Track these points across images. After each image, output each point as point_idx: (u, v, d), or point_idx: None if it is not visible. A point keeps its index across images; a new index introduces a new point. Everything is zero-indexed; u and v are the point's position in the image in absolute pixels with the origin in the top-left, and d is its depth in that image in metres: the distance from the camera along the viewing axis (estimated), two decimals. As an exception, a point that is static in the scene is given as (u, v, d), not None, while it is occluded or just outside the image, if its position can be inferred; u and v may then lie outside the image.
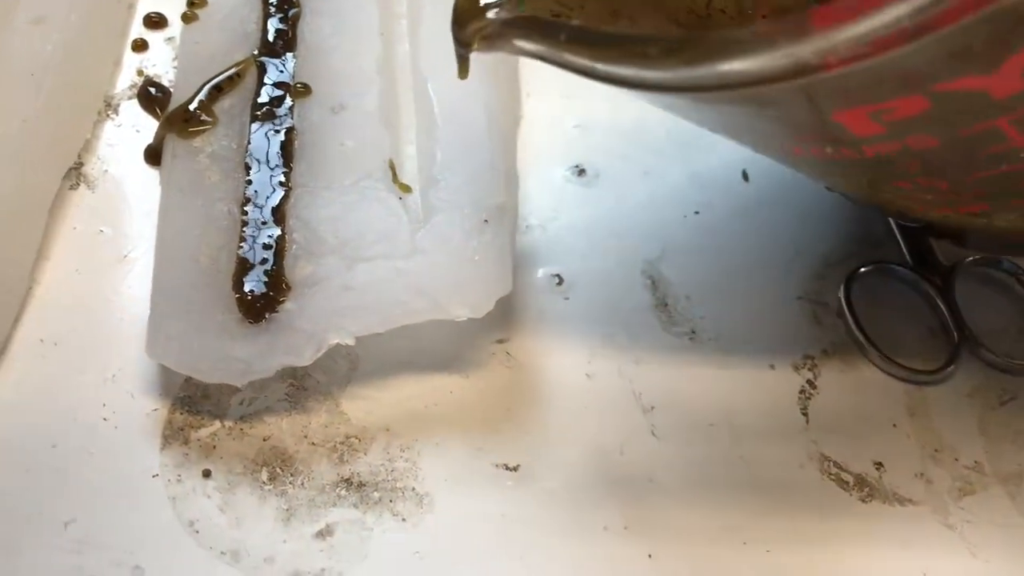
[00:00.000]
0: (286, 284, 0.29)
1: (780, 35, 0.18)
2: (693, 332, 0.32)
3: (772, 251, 0.35)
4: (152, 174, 0.34)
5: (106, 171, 0.34)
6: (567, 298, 0.33)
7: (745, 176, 0.37)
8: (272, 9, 0.35)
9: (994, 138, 0.21)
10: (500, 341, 0.31)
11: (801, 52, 0.18)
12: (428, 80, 0.34)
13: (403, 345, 0.30)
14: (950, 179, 0.24)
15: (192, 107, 0.32)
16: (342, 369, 0.30)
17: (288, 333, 0.28)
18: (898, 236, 0.35)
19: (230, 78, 0.33)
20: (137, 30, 0.38)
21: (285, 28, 0.35)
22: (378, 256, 0.29)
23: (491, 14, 0.24)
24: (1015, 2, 0.15)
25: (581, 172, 0.36)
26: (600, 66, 0.22)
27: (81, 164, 0.34)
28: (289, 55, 0.34)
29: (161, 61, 0.37)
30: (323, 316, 0.28)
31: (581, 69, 0.22)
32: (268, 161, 0.31)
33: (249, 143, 0.32)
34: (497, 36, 0.24)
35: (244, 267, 0.29)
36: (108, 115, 0.35)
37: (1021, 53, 0.17)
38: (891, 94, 0.19)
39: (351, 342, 0.28)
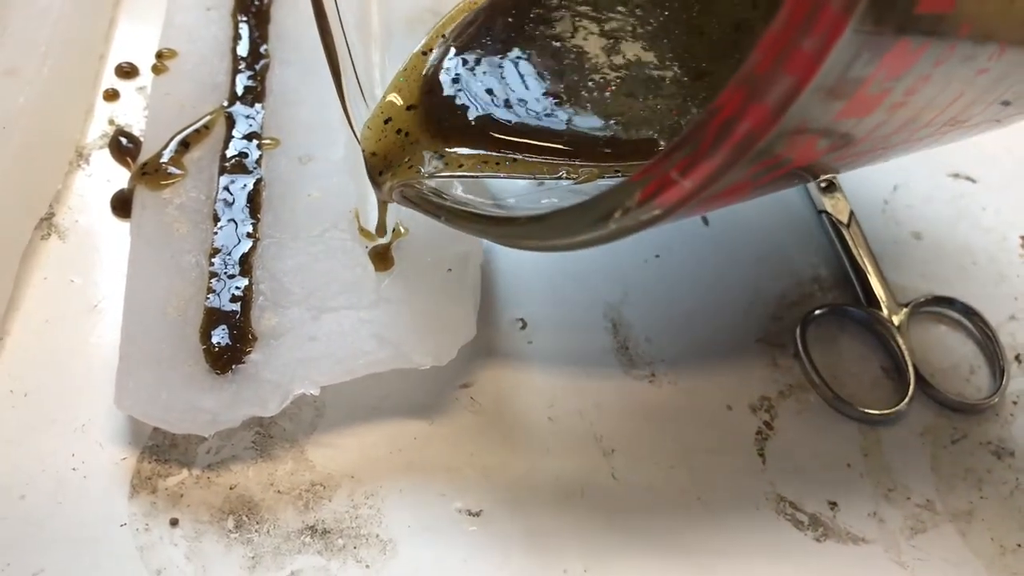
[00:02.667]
0: (252, 335, 0.29)
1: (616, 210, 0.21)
2: (653, 375, 0.33)
3: (731, 293, 0.36)
4: (122, 223, 0.34)
5: (77, 221, 0.34)
6: (530, 342, 0.33)
7: (705, 220, 0.38)
8: (241, 60, 0.36)
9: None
10: (464, 386, 0.32)
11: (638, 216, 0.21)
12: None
13: (369, 391, 0.31)
14: None
15: (161, 160, 0.33)
16: (308, 416, 0.30)
17: (254, 384, 0.28)
18: (852, 277, 0.36)
19: (197, 131, 0.34)
20: (109, 79, 0.39)
21: (254, 79, 0.36)
22: (343, 306, 0.30)
23: (387, 185, 0.28)
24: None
25: (545, 217, 0.37)
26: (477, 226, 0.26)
27: (52, 214, 0.34)
28: (258, 106, 0.35)
29: (132, 110, 0.38)
30: (288, 367, 0.29)
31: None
32: (236, 212, 0.32)
33: (218, 194, 0.32)
34: (401, 200, 0.28)
35: (211, 319, 0.30)
36: (79, 165, 0.36)
37: (806, 145, 0.21)
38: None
39: (316, 392, 0.28)
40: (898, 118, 0.23)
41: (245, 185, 0.33)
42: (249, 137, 0.34)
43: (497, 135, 0.28)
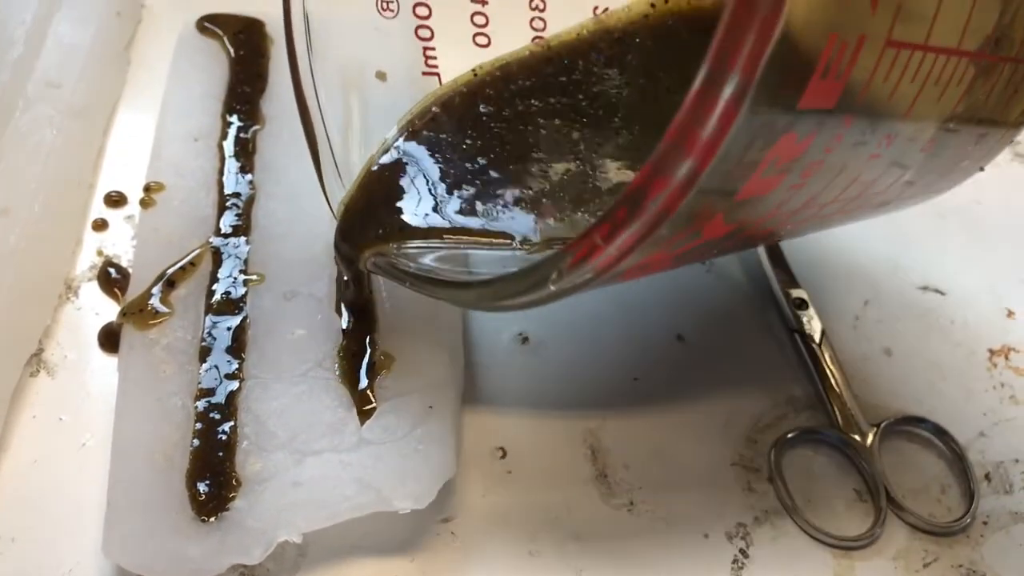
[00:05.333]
0: (237, 480, 0.30)
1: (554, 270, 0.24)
2: (631, 503, 0.34)
3: (706, 416, 0.36)
4: (110, 357, 0.35)
5: (66, 357, 0.35)
6: (510, 472, 0.34)
7: (680, 338, 0.39)
8: (227, 194, 0.37)
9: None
10: (445, 520, 0.32)
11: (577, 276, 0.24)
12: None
13: (350, 529, 0.31)
14: None
15: (149, 299, 0.34)
16: (291, 557, 0.31)
17: (238, 532, 0.29)
18: (825, 397, 0.37)
19: (183, 268, 0.35)
20: (97, 209, 0.40)
21: (240, 212, 0.37)
22: (326, 449, 0.31)
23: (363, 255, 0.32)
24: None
25: (525, 340, 0.38)
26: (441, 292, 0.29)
27: (42, 350, 0.35)
28: (243, 239, 0.36)
29: (121, 240, 0.39)
30: (272, 513, 0.29)
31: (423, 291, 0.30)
32: (222, 352, 0.33)
33: (204, 334, 0.33)
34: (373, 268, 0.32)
35: (197, 464, 0.30)
36: (68, 298, 0.37)
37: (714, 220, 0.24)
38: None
39: (298, 540, 0.29)
40: (801, 196, 0.26)
41: (230, 325, 0.33)
42: (235, 273, 0.35)
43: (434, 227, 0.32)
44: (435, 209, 0.32)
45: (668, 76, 0.35)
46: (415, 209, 0.33)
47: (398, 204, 0.33)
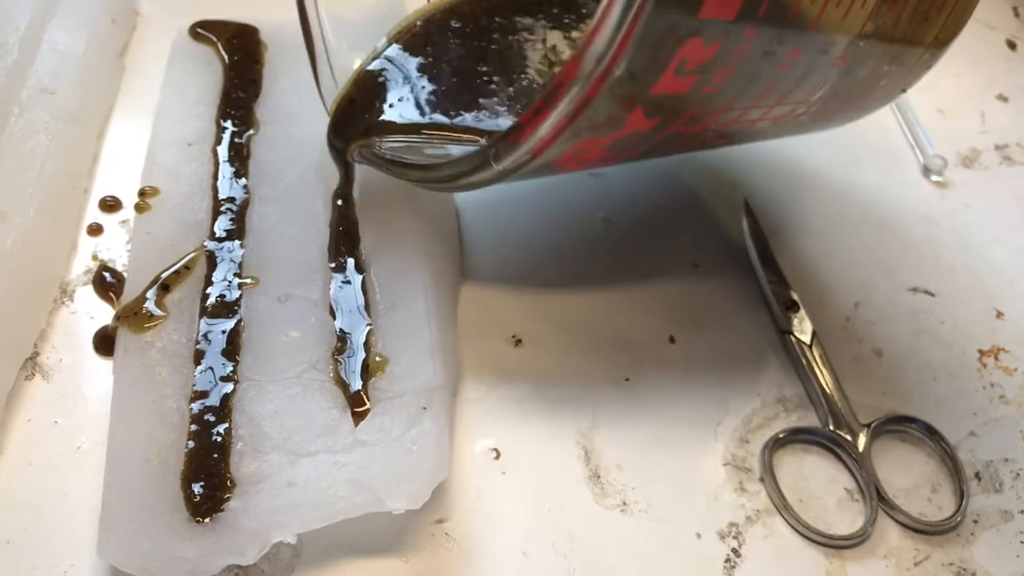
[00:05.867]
0: (231, 481, 0.30)
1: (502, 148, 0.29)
2: (624, 503, 0.34)
3: (698, 416, 0.37)
4: (105, 360, 0.35)
5: (61, 360, 0.35)
6: (504, 472, 0.34)
7: (672, 339, 0.39)
8: (221, 198, 0.37)
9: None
10: (439, 521, 0.33)
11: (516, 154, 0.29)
12: (371, 267, 0.36)
13: (345, 529, 0.31)
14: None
15: (144, 303, 0.34)
16: (286, 557, 0.31)
17: (233, 532, 0.29)
18: (816, 397, 0.37)
19: (178, 272, 0.35)
20: (92, 213, 0.40)
21: (234, 216, 0.37)
22: (320, 450, 0.31)
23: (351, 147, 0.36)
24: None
25: (518, 342, 0.38)
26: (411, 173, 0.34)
27: (37, 353, 0.35)
28: (238, 243, 0.36)
29: (115, 244, 0.39)
30: (267, 514, 0.29)
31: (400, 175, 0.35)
32: (216, 355, 0.33)
33: (198, 337, 0.33)
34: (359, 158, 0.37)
35: (192, 465, 0.30)
36: (63, 302, 0.37)
37: (634, 113, 0.28)
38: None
39: (293, 541, 0.29)
40: (719, 99, 0.30)
41: (225, 327, 0.34)
42: (229, 277, 0.35)
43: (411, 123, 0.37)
44: (415, 108, 0.37)
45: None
46: (397, 108, 0.37)
47: (383, 103, 0.37)
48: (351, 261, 0.36)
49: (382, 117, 0.37)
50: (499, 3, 0.41)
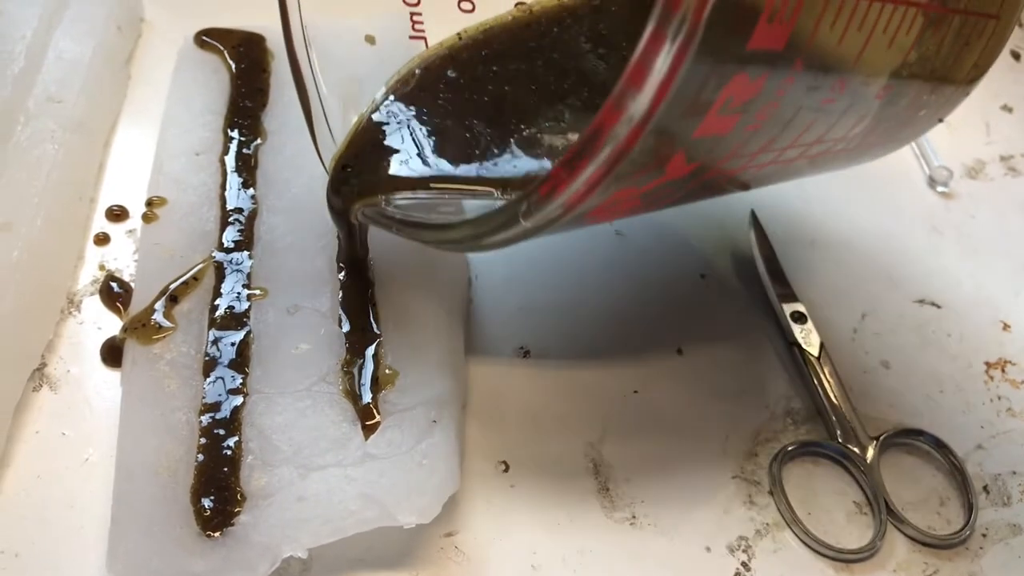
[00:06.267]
0: (241, 495, 0.30)
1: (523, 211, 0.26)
2: (634, 517, 0.34)
3: (707, 429, 0.37)
4: (112, 371, 0.35)
5: (68, 371, 0.35)
6: (513, 485, 0.34)
7: (680, 351, 0.39)
8: (229, 208, 0.37)
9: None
10: (448, 535, 0.33)
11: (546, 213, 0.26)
12: (379, 279, 0.36)
13: (355, 542, 0.31)
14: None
15: (152, 314, 0.34)
16: (296, 572, 0.31)
17: (243, 547, 0.29)
18: (824, 410, 0.37)
19: (186, 283, 0.35)
20: (99, 223, 0.40)
21: (242, 227, 0.37)
22: (330, 464, 0.31)
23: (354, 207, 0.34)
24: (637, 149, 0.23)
25: (526, 353, 0.38)
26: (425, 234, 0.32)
27: (44, 364, 0.35)
28: (246, 254, 0.36)
29: (122, 254, 0.39)
30: (277, 529, 0.29)
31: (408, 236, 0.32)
32: (225, 367, 0.33)
33: (207, 349, 0.33)
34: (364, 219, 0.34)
35: (202, 479, 0.30)
36: (71, 312, 0.37)
37: (676, 158, 0.26)
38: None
39: (304, 555, 0.29)
40: (759, 138, 0.28)
41: (234, 339, 0.34)
42: (238, 288, 0.35)
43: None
44: (421, 162, 0.34)
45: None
46: (401, 162, 0.34)
47: (386, 158, 0.35)
48: (359, 272, 0.36)
49: (386, 173, 0.34)
50: (499, 50, 0.38)
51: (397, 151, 0.35)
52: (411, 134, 0.35)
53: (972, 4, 0.30)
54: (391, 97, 0.37)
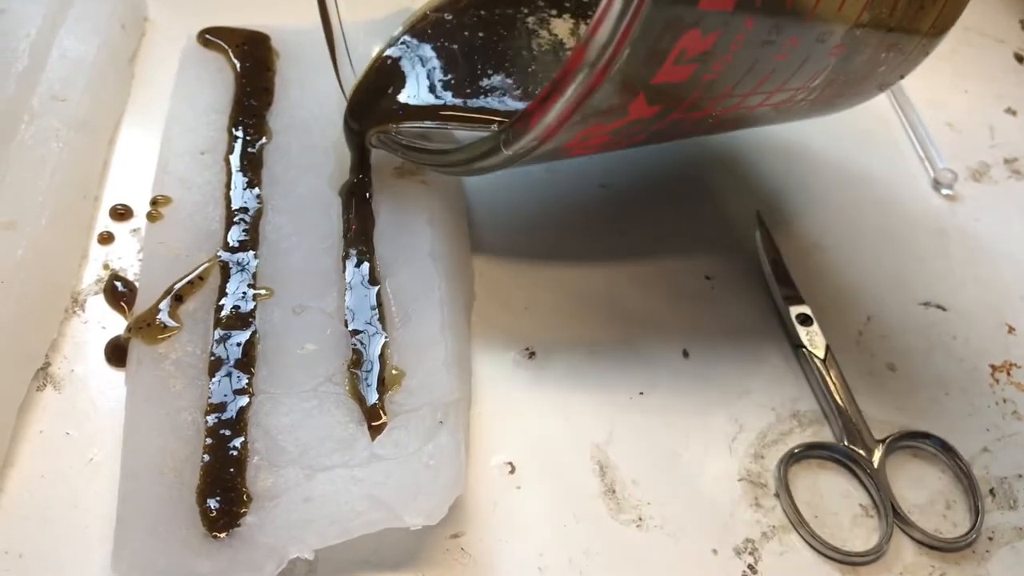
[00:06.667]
0: (247, 496, 0.30)
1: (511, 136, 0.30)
2: (640, 519, 0.34)
3: (713, 430, 0.37)
4: (117, 371, 0.35)
5: (72, 371, 0.35)
6: (519, 487, 0.34)
7: (685, 353, 0.39)
8: (235, 208, 0.37)
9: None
10: (455, 536, 0.32)
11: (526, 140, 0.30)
12: (386, 279, 0.35)
13: (361, 543, 0.31)
14: None
15: (157, 313, 0.34)
16: (302, 573, 0.31)
17: (249, 548, 0.29)
18: (830, 412, 0.37)
19: (191, 282, 0.35)
20: (103, 222, 0.39)
21: (247, 226, 0.37)
22: (337, 465, 0.31)
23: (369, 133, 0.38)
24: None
25: (532, 355, 0.38)
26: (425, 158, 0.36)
27: (48, 364, 0.35)
28: (251, 253, 0.36)
29: (127, 253, 0.38)
30: (284, 530, 0.29)
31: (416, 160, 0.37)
32: (231, 367, 0.33)
33: (213, 348, 0.33)
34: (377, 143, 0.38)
35: (208, 479, 0.30)
36: (75, 311, 0.37)
37: (637, 100, 0.29)
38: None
39: (310, 556, 0.29)
40: (719, 86, 0.31)
41: (240, 339, 0.33)
42: (243, 287, 0.35)
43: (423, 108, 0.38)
44: (430, 93, 0.38)
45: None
46: (413, 93, 0.38)
47: (400, 89, 0.39)
48: (366, 271, 0.36)
49: (399, 103, 0.38)
50: None
51: (411, 83, 0.39)
52: (422, 69, 0.39)
53: None
54: (406, 35, 0.41)
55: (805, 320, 0.39)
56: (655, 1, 0.25)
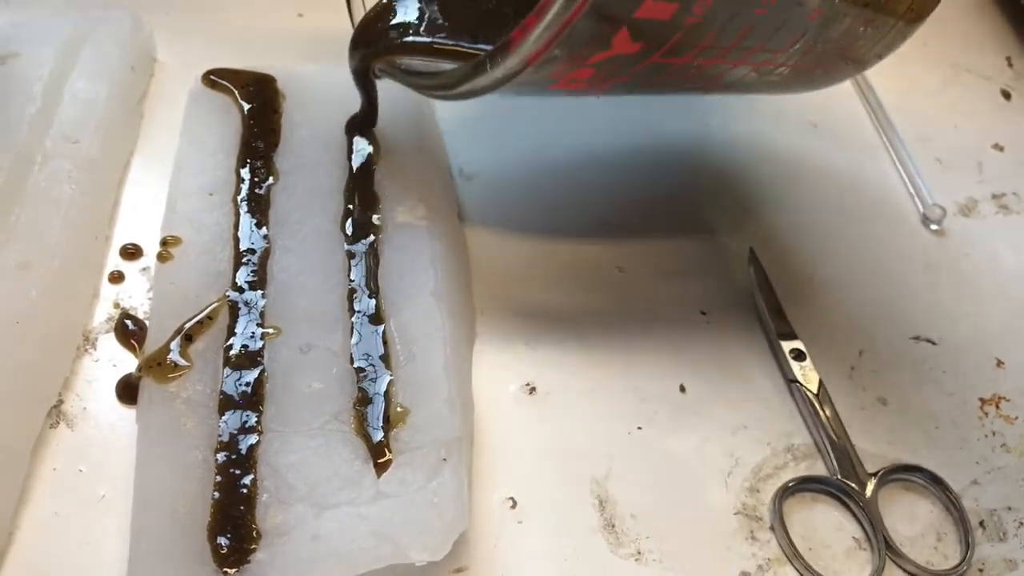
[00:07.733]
0: (257, 533, 0.31)
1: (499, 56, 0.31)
2: (639, 553, 0.35)
3: (709, 465, 0.37)
4: (128, 408, 0.36)
5: (84, 408, 0.36)
6: (520, 522, 0.35)
7: (682, 388, 0.40)
8: (243, 248, 0.38)
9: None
10: (458, 571, 0.33)
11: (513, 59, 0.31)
12: (390, 317, 0.36)
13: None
14: None
15: (168, 353, 0.35)
16: (309, 608, 0.32)
17: (259, 585, 0.30)
18: (824, 446, 0.38)
19: (201, 322, 0.36)
20: (113, 261, 0.40)
21: (255, 266, 0.38)
22: (344, 502, 0.31)
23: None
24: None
25: (532, 390, 0.39)
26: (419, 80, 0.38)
27: (61, 402, 0.36)
28: (259, 293, 0.37)
29: (137, 292, 0.39)
30: (292, 566, 0.30)
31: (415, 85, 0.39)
32: (240, 406, 0.34)
33: (223, 387, 0.34)
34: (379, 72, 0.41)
35: (218, 517, 0.31)
36: (86, 350, 0.37)
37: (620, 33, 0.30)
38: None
39: (318, 592, 0.30)
40: (700, 32, 0.31)
41: (249, 378, 0.34)
42: (252, 327, 0.36)
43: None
44: (431, 29, 0.40)
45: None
46: (416, 28, 0.40)
47: (402, 23, 0.41)
48: (371, 310, 0.36)
49: (401, 36, 0.40)
50: None
51: (412, 19, 0.41)
52: (428, 5, 0.41)
53: None
54: None
55: (798, 355, 0.40)
56: None
